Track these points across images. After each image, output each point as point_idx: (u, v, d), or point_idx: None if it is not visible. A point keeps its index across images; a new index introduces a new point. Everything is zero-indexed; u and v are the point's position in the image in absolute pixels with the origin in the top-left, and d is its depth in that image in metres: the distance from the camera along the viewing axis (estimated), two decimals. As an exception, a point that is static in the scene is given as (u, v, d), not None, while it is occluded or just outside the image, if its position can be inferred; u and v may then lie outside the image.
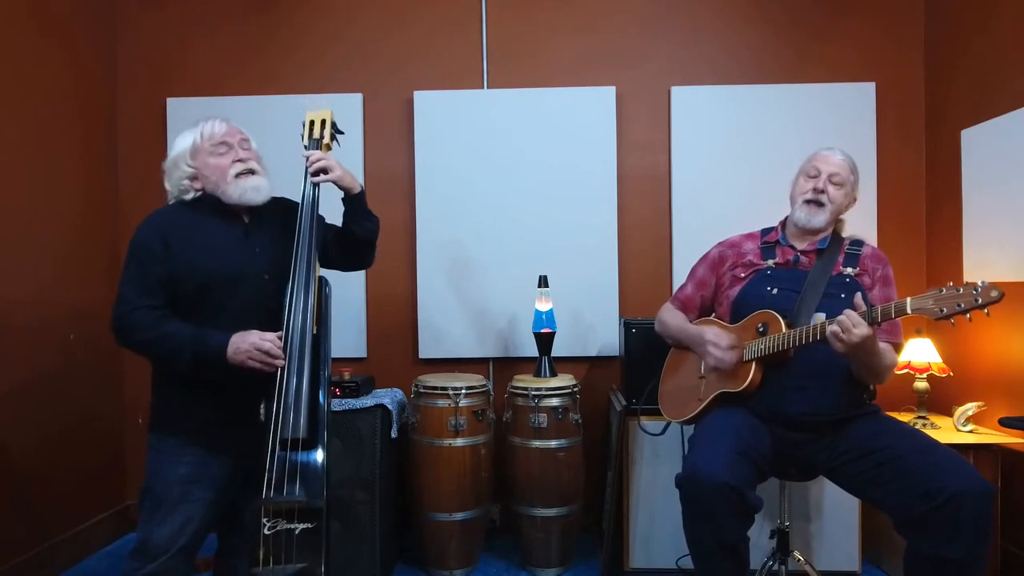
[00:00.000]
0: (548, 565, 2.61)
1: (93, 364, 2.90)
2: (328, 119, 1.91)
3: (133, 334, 1.65)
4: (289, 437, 1.58)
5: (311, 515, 1.57)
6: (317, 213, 1.80)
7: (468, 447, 2.56)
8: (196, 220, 1.73)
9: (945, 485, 1.58)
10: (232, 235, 1.75)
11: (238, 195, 1.73)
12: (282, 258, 1.74)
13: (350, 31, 3.12)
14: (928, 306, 1.52)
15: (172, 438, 1.70)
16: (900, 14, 3.02)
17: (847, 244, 2.00)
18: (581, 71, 3.07)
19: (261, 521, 1.55)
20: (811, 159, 2.04)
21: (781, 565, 2.10)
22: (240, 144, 1.78)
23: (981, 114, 2.62)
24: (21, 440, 2.51)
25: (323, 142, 1.89)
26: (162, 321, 1.64)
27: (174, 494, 1.66)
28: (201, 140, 1.75)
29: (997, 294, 1.44)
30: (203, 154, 1.75)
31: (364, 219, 1.92)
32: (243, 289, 1.71)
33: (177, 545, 1.65)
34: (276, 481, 1.56)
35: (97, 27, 3.03)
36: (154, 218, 1.73)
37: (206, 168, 1.74)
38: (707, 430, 1.88)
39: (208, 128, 1.76)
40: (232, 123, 1.82)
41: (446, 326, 3.06)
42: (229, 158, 1.75)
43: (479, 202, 3.05)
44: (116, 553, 2.89)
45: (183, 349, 1.62)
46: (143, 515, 1.68)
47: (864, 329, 1.61)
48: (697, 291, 2.16)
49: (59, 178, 2.75)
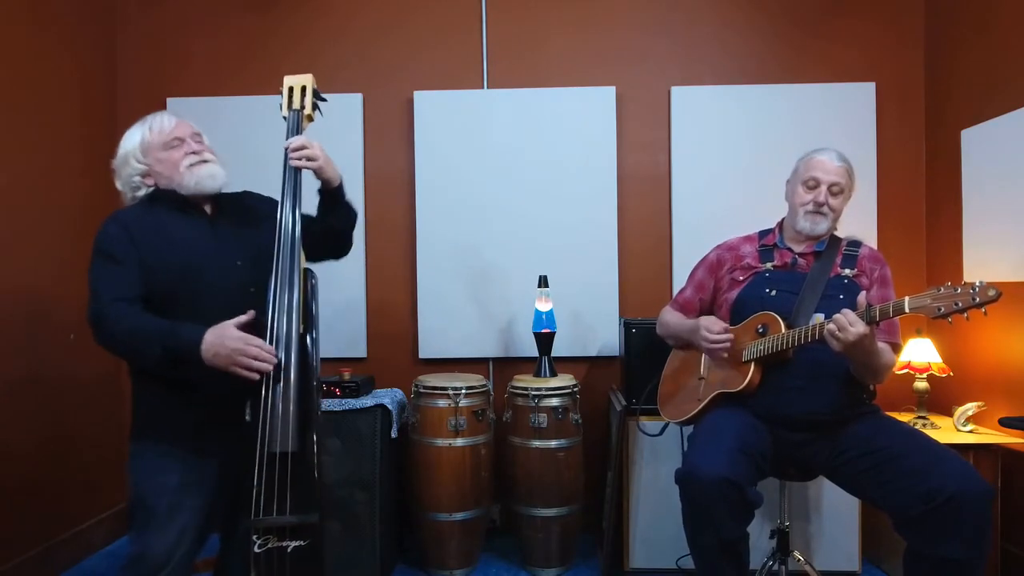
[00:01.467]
0: (548, 565, 2.61)
1: (93, 364, 2.90)
2: (309, 85, 1.79)
3: (106, 328, 1.58)
4: (278, 451, 1.49)
5: (305, 531, 1.49)
6: (300, 201, 1.70)
7: (468, 447, 2.56)
8: (159, 216, 1.69)
9: (945, 485, 1.58)
10: (197, 227, 1.71)
11: (193, 183, 1.69)
12: (254, 244, 1.69)
13: (350, 31, 3.12)
14: (926, 305, 1.52)
15: (156, 446, 1.64)
16: (900, 14, 3.02)
17: (844, 245, 2.00)
18: (581, 71, 3.07)
19: (251, 540, 1.47)
20: (807, 166, 2.00)
21: (781, 565, 2.10)
22: (192, 137, 1.74)
23: (981, 114, 2.62)
24: (21, 440, 2.51)
25: (304, 112, 1.77)
26: (134, 315, 1.58)
27: (165, 504, 1.60)
28: (151, 135, 1.70)
29: (995, 293, 1.44)
30: (154, 149, 1.70)
31: (343, 210, 1.85)
32: (216, 277, 1.66)
33: (176, 557, 1.60)
34: (265, 498, 1.47)
35: (97, 27, 3.03)
36: (117, 216, 1.68)
37: (158, 164, 1.70)
38: (707, 428, 1.88)
39: (157, 123, 1.72)
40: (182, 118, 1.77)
41: (446, 326, 3.06)
42: (182, 151, 1.71)
43: (479, 202, 3.05)
44: (116, 553, 2.89)
45: (152, 343, 1.54)
46: (135, 527, 1.62)
47: (860, 328, 1.61)
48: (696, 294, 2.17)
49: (59, 178, 2.75)
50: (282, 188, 1.70)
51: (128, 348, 1.61)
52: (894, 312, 1.57)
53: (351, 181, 3.09)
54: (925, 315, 1.52)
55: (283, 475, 1.50)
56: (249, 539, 1.47)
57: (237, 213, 1.79)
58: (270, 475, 1.49)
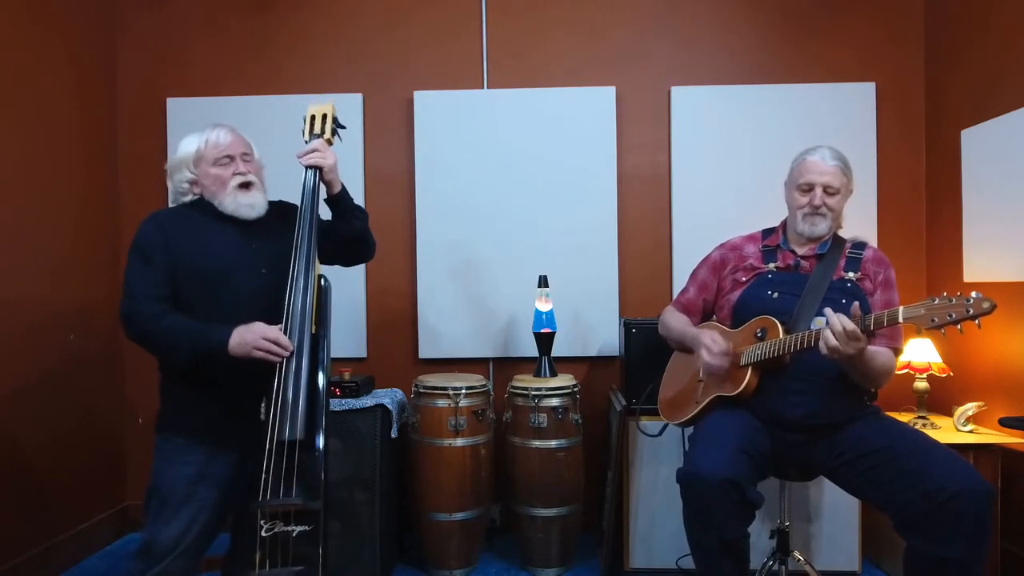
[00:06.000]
0: (548, 565, 2.61)
1: (93, 364, 2.90)
2: (330, 113, 1.91)
3: (138, 324, 1.68)
4: (286, 439, 1.58)
5: (309, 517, 1.57)
6: (318, 205, 1.80)
7: (468, 447, 2.56)
8: (195, 220, 1.78)
9: (945, 485, 1.58)
10: (229, 234, 1.78)
11: (233, 208, 1.78)
12: (280, 253, 1.76)
13: (350, 31, 3.12)
14: (920, 315, 1.51)
15: (177, 438, 1.72)
16: (900, 14, 3.02)
17: (849, 247, 1.99)
18: (581, 71, 3.07)
19: (258, 524, 1.55)
20: (800, 168, 1.99)
21: (781, 565, 2.10)
22: (242, 157, 1.81)
23: (981, 114, 2.62)
24: (22, 440, 2.52)
25: (324, 137, 1.89)
26: (164, 314, 1.67)
27: (179, 494, 1.67)
28: (205, 148, 1.79)
29: (989, 305, 1.43)
30: (205, 163, 1.79)
31: (351, 216, 1.92)
32: (241, 283, 1.73)
33: (182, 545, 1.66)
34: (272, 483, 1.56)
35: (97, 27, 3.03)
36: (156, 216, 1.78)
37: (206, 177, 1.79)
38: (708, 428, 1.88)
39: (213, 137, 1.80)
40: (237, 132, 1.85)
41: (446, 326, 3.06)
42: (229, 170, 1.79)
43: (479, 202, 3.05)
44: (116, 553, 2.89)
45: (180, 342, 1.64)
46: (149, 515, 1.69)
47: (850, 350, 1.60)
48: (699, 294, 2.16)
49: (59, 178, 2.75)
50: (301, 193, 1.79)
51: (158, 345, 1.70)
52: (888, 322, 1.57)
53: (351, 181, 3.10)
54: (919, 326, 1.52)
55: (290, 461, 1.58)
56: (256, 522, 1.55)
57: (270, 222, 1.84)
58: (278, 461, 1.57)
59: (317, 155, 1.80)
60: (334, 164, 1.84)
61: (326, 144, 1.86)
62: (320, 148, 1.82)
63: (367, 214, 1.99)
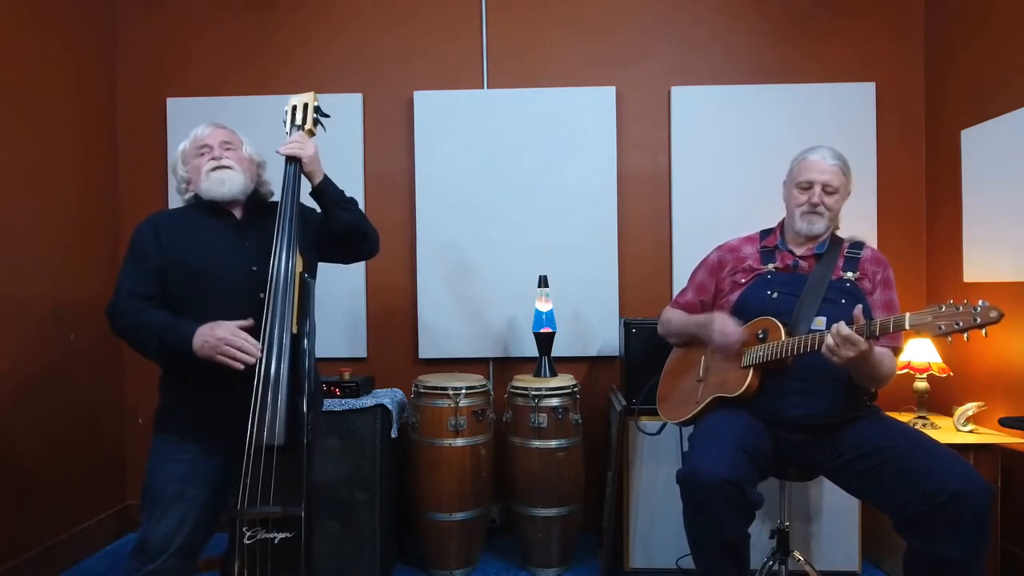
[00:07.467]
0: (548, 565, 2.61)
1: (93, 364, 2.90)
2: (311, 103, 1.89)
3: (118, 320, 1.70)
4: (264, 445, 1.54)
5: (291, 524, 1.54)
6: (298, 198, 1.77)
7: (468, 447, 2.56)
8: (192, 218, 1.80)
9: (945, 485, 1.58)
10: (223, 230, 1.79)
11: (206, 188, 1.78)
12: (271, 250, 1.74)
13: (350, 31, 3.12)
14: (927, 322, 1.51)
15: (172, 436, 1.73)
16: (900, 14, 3.02)
17: (847, 247, 1.99)
18: (581, 71, 3.07)
19: (239, 531, 1.52)
20: (800, 167, 2.00)
21: (781, 565, 2.10)
22: (220, 145, 1.82)
23: (981, 114, 2.62)
24: (21, 440, 2.51)
25: (305, 127, 1.86)
26: (144, 310, 1.68)
27: (169, 492, 1.67)
28: (189, 144, 1.83)
29: (996, 315, 1.43)
30: (189, 158, 1.83)
31: (338, 208, 1.89)
32: (230, 280, 1.73)
33: (175, 544, 1.65)
34: (251, 490, 1.53)
35: (97, 27, 3.03)
36: (152, 217, 1.81)
37: (192, 171, 1.82)
38: (708, 428, 1.88)
39: (197, 132, 1.84)
40: (226, 127, 1.86)
41: (446, 326, 3.06)
42: (206, 158, 1.80)
43: (479, 202, 3.05)
44: (116, 553, 2.89)
45: (152, 338, 1.65)
46: (143, 514, 1.70)
47: (862, 345, 1.61)
48: (698, 296, 2.16)
49: (59, 178, 2.75)
50: (281, 191, 1.78)
51: (134, 339, 1.71)
52: (894, 328, 1.57)
53: (351, 181, 3.10)
54: (925, 332, 1.52)
55: (268, 467, 1.55)
56: (236, 530, 1.52)
57: (266, 218, 1.83)
58: (256, 466, 1.54)
59: (295, 145, 1.79)
60: (314, 155, 1.82)
61: (306, 135, 1.85)
62: (299, 139, 1.81)
63: (356, 203, 1.94)
